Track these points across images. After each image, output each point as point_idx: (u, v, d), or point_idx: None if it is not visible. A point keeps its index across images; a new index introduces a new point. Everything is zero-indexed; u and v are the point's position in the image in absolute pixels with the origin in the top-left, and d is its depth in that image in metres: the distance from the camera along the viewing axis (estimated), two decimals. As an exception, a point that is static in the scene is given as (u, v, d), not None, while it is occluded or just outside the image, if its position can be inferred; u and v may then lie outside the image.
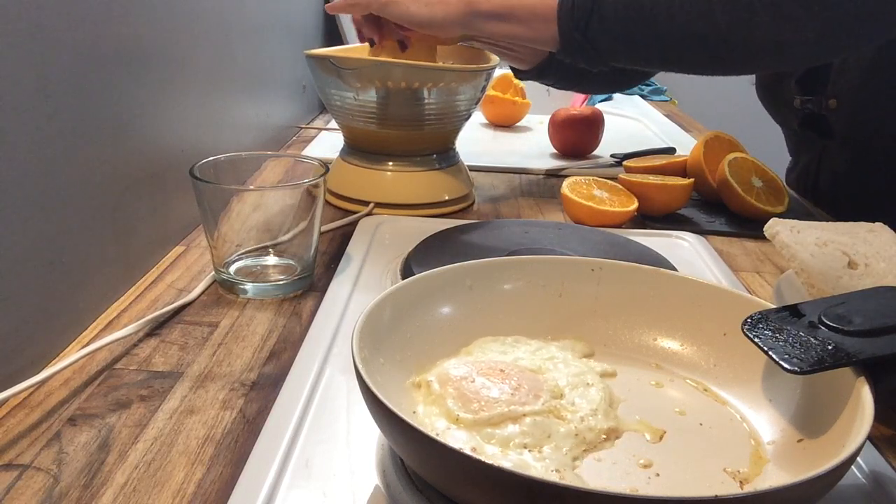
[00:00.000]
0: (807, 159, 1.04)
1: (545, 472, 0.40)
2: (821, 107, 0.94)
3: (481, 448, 0.42)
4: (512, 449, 0.42)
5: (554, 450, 0.42)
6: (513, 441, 0.42)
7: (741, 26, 0.69)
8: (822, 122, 0.96)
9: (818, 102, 0.94)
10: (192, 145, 0.79)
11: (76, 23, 0.56)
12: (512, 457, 0.41)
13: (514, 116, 1.34)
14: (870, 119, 0.91)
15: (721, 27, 0.70)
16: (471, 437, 0.42)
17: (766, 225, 0.61)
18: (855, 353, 0.41)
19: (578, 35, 0.74)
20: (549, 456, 0.42)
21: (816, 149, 1.01)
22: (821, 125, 0.97)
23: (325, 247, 0.77)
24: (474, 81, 0.86)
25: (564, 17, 0.74)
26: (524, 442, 0.42)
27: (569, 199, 0.85)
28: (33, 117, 0.51)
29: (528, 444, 0.42)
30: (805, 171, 1.05)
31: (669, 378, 0.51)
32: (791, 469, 0.41)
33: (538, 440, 0.42)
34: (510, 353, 0.51)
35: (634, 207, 0.84)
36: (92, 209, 0.59)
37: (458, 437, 0.43)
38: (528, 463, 0.41)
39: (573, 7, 0.73)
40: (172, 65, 0.74)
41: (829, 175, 1.01)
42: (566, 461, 0.41)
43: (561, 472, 0.41)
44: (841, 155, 0.98)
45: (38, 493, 0.41)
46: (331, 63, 0.82)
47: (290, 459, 0.44)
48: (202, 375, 0.53)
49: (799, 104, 0.97)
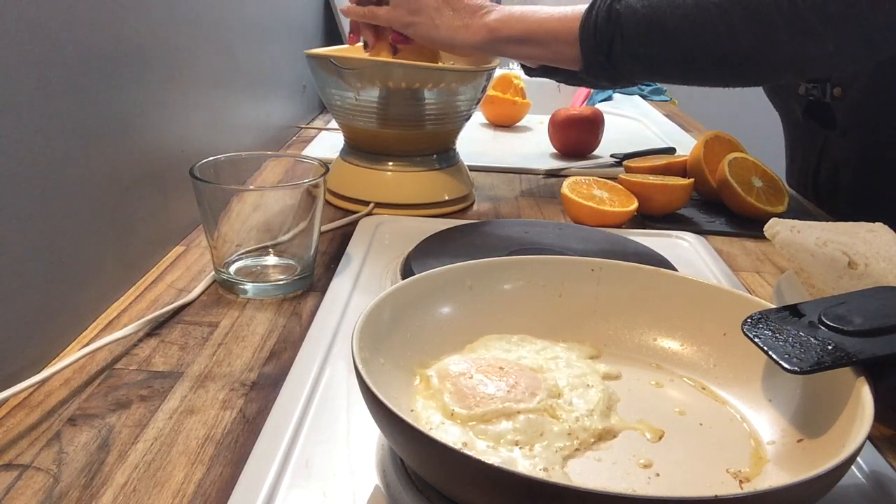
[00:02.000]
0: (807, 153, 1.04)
1: (533, 469, 0.41)
2: (825, 94, 0.94)
3: (472, 443, 0.42)
4: (503, 445, 0.42)
5: (545, 448, 0.42)
6: (505, 437, 0.42)
7: (764, 44, 0.69)
8: (826, 110, 0.96)
9: (822, 90, 0.94)
10: (192, 145, 0.79)
11: (76, 23, 0.56)
12: (502, 453, 0.41)
13: (515, 116, 1.34)
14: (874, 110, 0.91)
15: (744, 46, 0.70)
16: (463, 433, 0.43)
17: (766, 225, 0.61)
18: (855, 353, 0.41)
19: (602, 58, 0.75)
20: (540, 454, 0.42)
21: (818, 141, 1.01)
22: (824, 114, 0.97)
23: (325, 247, 0.77)
24: (474, 81, 0.86)
25: (587, 40, 0.74)
26: (516, 439, 0.42)
27: (569, 199, 0.85)
28: (33, 117, 0.51)
29: (520, 441, 0.42)
30: (805, 165, 1.05)
31: (669, 378, 0.51)
32: (791, 469, 0.41)
33: (530, 438, 0.43)
34: (514, 351, 0.51)
35: (634, 207, 0.84)
36: (92, 209, 0.59)
37: (451, 431, 0.43)
38: (517, 460, 0.41)
39: (595, 30, 0.74)
40: (173, 65, 0.74)
41: (829, 169, 1.00)
42: (556, 459, 0.42)
43: (549, 470, 0.41)
44: (843, 147, 0.98)
45: (38, 493, 0.41)
46: (331, 63, 0.82)
47: (290, 459, 0.44)
48: (202, 375, 0.53)
49: (804, 91, 0.97)
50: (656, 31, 0.72)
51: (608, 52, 0.74)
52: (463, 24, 0.80)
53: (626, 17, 0.73)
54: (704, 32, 0.70)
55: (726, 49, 0.71)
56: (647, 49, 0.73)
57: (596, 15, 0.74)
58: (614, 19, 0.73)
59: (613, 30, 0.73)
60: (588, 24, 0.74)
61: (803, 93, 0.97)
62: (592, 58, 0.75)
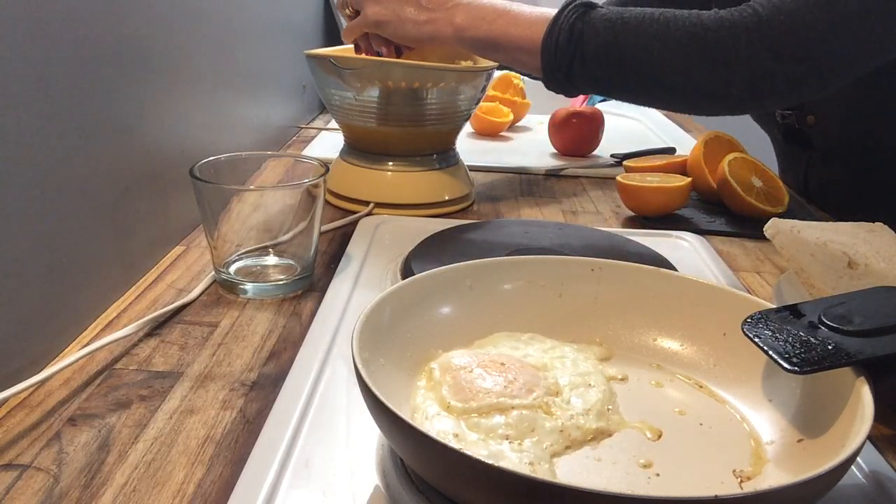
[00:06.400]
0: (795, 171, 1.05)
1: (519, 463, 0.41)
2: (800, 122, 0.95)
3: (463, 435, 0.42)
4: (493, 439, 0.42)
5: (535, 444, 0.42)
6: (496, 431, 0.43)
7: (717, 82, 0.70)
8: (804, 136, 0.97)
9: (797, 118, 0.95)
10: (193, 145, 0.79)
11: (76, 23, 0.56)
12: (491, 446, 0.42)
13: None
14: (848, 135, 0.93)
15: (697, 82, 0.71)
16: (456, 424, 0.43)
17: (766, 225, 0.61)
18: (855, 353, 0.41)
19: (560, 75, 0.75)
20: (529, 449, 0.42)
21: (802, 161, 1.02)
22: (802, 140, 0.98)
23: (325, 247, 0.77)
24: (474, 81, 0.86)
25: (547, 57, 0.74)
26: (507, 433, 0.43)
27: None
28: (33, 117, 0.51)
29: (511, 435, 0.42)
30: (794, 181, 1.06)
31: (669, 378, 0.51)
32: (791, 469, 0.41)
33: (521, 433, 0.43)
34: (522, 349, 0.51)
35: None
36: (92, 209, 0.59)
37: (445, 423, 0.43)
38: (505, 453, 0.41)
39: (556, 48, 0.73)
40: (173, 65, 0.74)
41: (816, 185, 1.01)
42: (543, 455, 0.42)
43: (534, 464, 0.41)
44: (825, 167, 0.98)
45: (38, 493, 0.41)
46: (331, 63, 0.82)
47: (290, 459, 0.44)
48: (202, 375, 0.53)
49: (780, 118, 0.98)
50: (615, 57, 0.72)
51: (567, 70, 0.74)
52: (428, 19, 0.79)
53: (588, 37, 0.72)
54: (662, 64, 0.71)
55: (680, 83, 0.71)
56: (604, 73, 0.73)
57: (559, 32, 0.73)
58: (576, 39, 0.72)
59: (573, 50, 0.73)
60: (550, 41, 0.74)
61: (780, 120, 0.98)
62: (551, 73, 0.75)
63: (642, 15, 0.72)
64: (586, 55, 0.73)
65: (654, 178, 0.89)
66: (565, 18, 0.73)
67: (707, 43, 0.69)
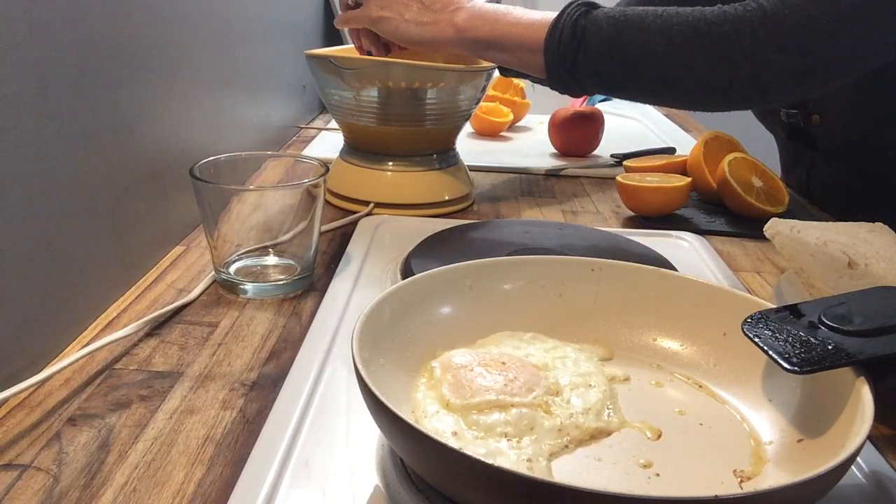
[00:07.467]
0: (798, 171, 1.05)
1: (517, 461, 0.41)
2: (805, 121, 0.95)
3: (462, 432, 0.42)
4: (491, 436, 0.42)
5: (533, 442, 0.42)
6: (495, 429, 0.43)
7: (722, 77, 0.70)
8: (808, 135, 0.97)
9: (802, 117, 0.95)
10: (193, 145, 0.79)
11: (76, 23, 0.56)
12: (489, 443, 0.42)
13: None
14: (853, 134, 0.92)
15: (702, 77, 0.70)
16: (455, 422, 0.43)
17: (766, 225, 0.61)
18: (855, 353, 0.41)
19: (564, 72, 0.74)
20: (527, 447, 0.42)
21: (805, 161, 1.02)
22: (807, 139, 0.98)
23: (325, 247, 0.77)
24: (474, 81, 0.86)
25: (550, 53, 0.74)
26: (506, 431, 0.43)
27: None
28: (33, 117, 0.51)
29: (509, 433, 0.43)
30: (797, 181, 1.06)
31: (669, 378, 0.51)
32: (791, 469, 0.41)
33: (520, 431, 0.43)
34: (524, 348, 0.51)
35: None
36: (92, 209, 0.59)
37: (444, 420, 0.43)
38: (503, 451, 0.41)
39: (560, 44, 0.73)
40: (173, 65, 0.74)
41: (818, 185, 1.01)
42: (541, 454, 0.42)
43: (532, 461, 0.41)
44: (828, 167, 0.98)
45: (38, 493, 0.41)
46: (331, 63, 0.82)
47: (290, 459, 0.44)
48: (202, 375, 0.53)
49: (785, 117, 0.98)
50: (618, 53, 0.72)
51: (571, 67, 0.74)
52: (431, 20, 0.79)
53: (590, 34, 0.72)
54: (665, 60, 0.71)
55: (684, 78, 0.71)
56: (608, 68, 0.73)
57: (562, 28, 0.73)
58: (579, 35, 0.72)
59: (577, 46, 0.73)
60: (553, 37, 0.74)
61: (784, 119, 0.98)
62: (555, 70, 0.75)
63: (645, 11, 0.72)
64: (589, 51, 0.73)
65: (653, 178, 0.89)
66: (568, 16, 0.74)
67: (711, 37, 0.69)
